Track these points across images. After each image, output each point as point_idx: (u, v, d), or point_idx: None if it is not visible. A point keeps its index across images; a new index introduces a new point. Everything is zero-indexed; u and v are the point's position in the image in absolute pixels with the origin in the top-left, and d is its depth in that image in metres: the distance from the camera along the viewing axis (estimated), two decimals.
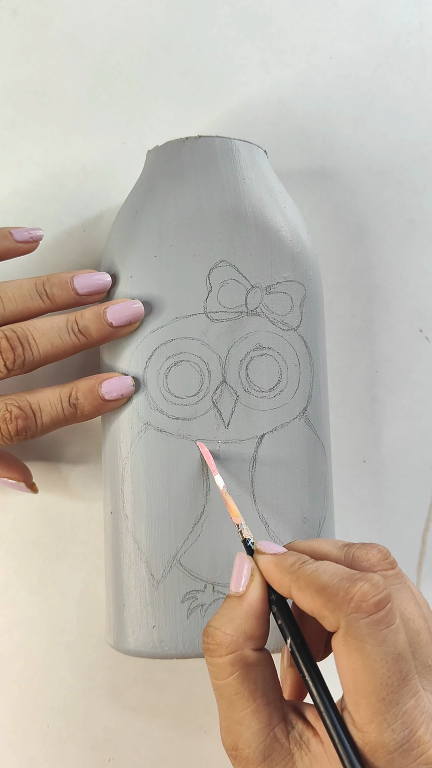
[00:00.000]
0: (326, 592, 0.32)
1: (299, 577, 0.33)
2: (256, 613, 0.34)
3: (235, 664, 0.33)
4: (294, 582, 0.33)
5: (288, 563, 0.34)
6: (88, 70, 0.52)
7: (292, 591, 0.33)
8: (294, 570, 0.34)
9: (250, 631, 0.34)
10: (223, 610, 0.34)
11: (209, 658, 0.34)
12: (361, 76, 0.53)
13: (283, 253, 0.42)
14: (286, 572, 0.34)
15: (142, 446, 0.41)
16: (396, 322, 0.52)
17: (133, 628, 0.40)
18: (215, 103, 0.53)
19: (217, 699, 0.34)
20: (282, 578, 0.34)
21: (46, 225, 0.51)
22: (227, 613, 0.34)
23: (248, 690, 0.33)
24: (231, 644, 0.33)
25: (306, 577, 0.33)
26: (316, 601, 0.32)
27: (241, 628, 0.34)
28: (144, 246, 0.41)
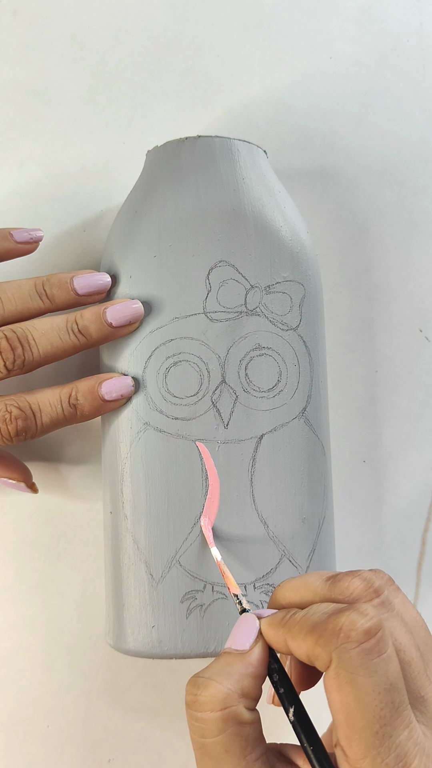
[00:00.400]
0: (316, 630, 0.31)
1: (291, 627, 0.32)
2: (256, 673, 0.33)
3: (228, 721, 0.31)
4: (287, 633, 0.32)
5: (278, 618, 0.34)
6: (88, 70, 0.52)
7: (288, 642, 0.33)
8: (285, 622, 0.33)
9: (247, 690, 0.32)
10: (218, 665, 0.33)
11: (196, 713, 0.32)
12: (361, 76, 0.53)
13: (282, 253, 0.42)
14: (278, 627, 0.33)
15: (141, 446, 0.41)
16: (396, 322, 0.52)
17: (132, 628, 0.40)
18: (215, 103, 0.53)
19: (200, 757, 0.32)
20: (276, 634, 0.33)
21: (46, 225, 0.51)
22: (224, 667, 0.33)
23: (239, 747, 0.32)
24: (226, 698, 0.31)
25: (297, 623, 0.32)
26: (308, 642, 0.31)
27: (239, 683, 0.32)
28: (143, 246, 0.41)
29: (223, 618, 0.40)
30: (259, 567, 0.40)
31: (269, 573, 0.40)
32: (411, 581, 0.51)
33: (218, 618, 0.40)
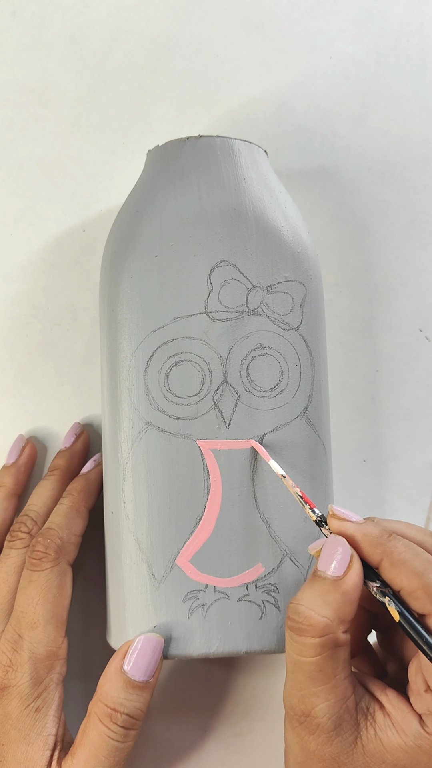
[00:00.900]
0: (424, 579, 0.33)
1: (391, 552, 0.35)
2: (352, 599, 0.35)
3: (326, 646, 0.34)
4: (386, 555, 0.35)
5: (375, 533, 0.36)
6: (88, 70, 0.52)
7: (383, 563, 0.35)
8: (383, 542, 0.35)
9: (344, 616, 0.35)
10: (315, 591, 0.35)
11: (297, 636, 0.34)
12: (361, 75, 0.53)
13: (283, 253, 0.42)
14: (374, 544, 0.35)
15: (143, 446, 0.41)
16: (396, 322, 0.52)
17: (134, 628, 0.40)
18: (215, 103, 0.53)
19: (293, 671, 0.35)
20: (371, 550, 0.35)
21: (46, 225, 0.51)
22: (322, 596, 0.35)
23: (331, 668, 0.34)
24: (326, 627, 0.34)
25: (399, 553, 0.35)
26: (412, 582, 0.34)
27: (337, 612, 0.34)
28: (145, 246, 0.41)
29: (225, 617, 0.40)
30: (261, 566, 0.40)
31: (271, 572, 0.40)
32: None
33: (219, 618, 0.40)
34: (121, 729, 0.38)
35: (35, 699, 0.40)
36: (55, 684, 0.41)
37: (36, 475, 0.51)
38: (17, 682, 0.40)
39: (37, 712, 0.40)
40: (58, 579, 0.42)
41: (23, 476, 0.49)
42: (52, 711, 0.40)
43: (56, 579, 0.42)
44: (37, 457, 0.50)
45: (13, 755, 0.39)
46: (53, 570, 0.42)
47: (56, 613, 0.41)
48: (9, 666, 0.40)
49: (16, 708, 0.39)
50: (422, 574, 0.34)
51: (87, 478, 0.47)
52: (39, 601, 0.41)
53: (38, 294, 0.51)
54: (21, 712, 0.39)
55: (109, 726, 0.38)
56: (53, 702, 0.40)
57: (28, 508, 0.46)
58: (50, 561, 0.42)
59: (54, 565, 0.42)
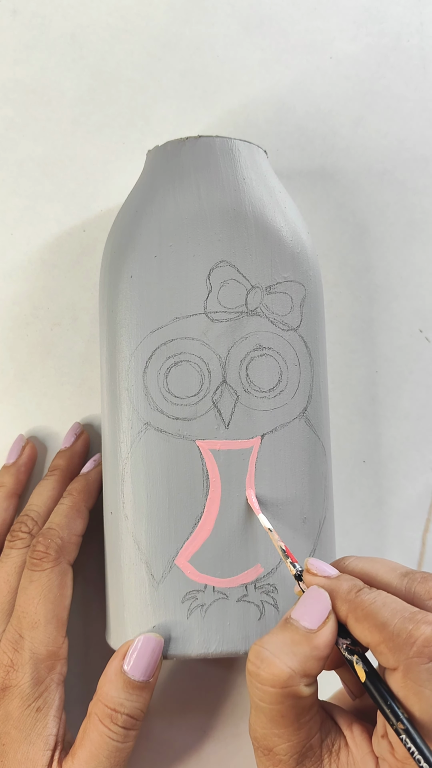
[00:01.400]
0: (387, 630, 0.31)
1: (357, 607, 0.33)
2: (321, 655, 0.33)
3: (287, 696, 0.32)
4: (351, 612, 0.33)
5: (344, 589, 0.34)
6: (88, 70, 0.52)
7: (349, 620, 0.33)
8: (351, 598, 0.33)
9: (310, 671, 0.33)
10: (284, 638, 0.33)
11: (258, 683, 0.33)
12: (361, 75, 0.53)
13: (283, 253, 0.42)
14: (342, 600, 0.34)
15: (142, 446, 0.41)
16: (396, 323, 0.52)
17: (133, 628, 0.40)
18: (215, 103, 0.53)
19: (254, 709, 0.34)
20: (338, 605, 0.34)
21: (46, 225, 0.51)
22: (291, 645, 0.33)
23: (294, 715, 0.33)
24: (289, 679, 0.32)
25: (364, 608, 0.33)
26: (374, 636, 0.32)
27: (303, 665, 0.33)
28: (144, 246, 0.41)
29: (224, 618, 0.40)
30: (260, 567, 0.40)
31: (270, 573, 0.40)
32: None
33: (218, 618, 0.40)
34: (122, 729, 0.38)
35: (36, 699, 0.40)
36: (56, 684, 0.41)
37: (36, 475, 0.51)
38: (18, 682, 0.40)
39: (38, 712, 0.40)
40: (59, 579, 0.42)
41: (23, 476, 0.49)
42: (53, 711, 0.40)
43: (57, 579, 0.42)
44: (37, 457, 0.50)
45: (14, 755, 0.39)
46: (54, 570, 0.42)
47: (57, 613, 0.41)
48: (10, 666, 0.40)
49: (17, 708, 0.39)
50: (384, 626, 0.32)
51: (87, 478, 0.47)
52: (40, 601, 0.41)
53: (38, 294, 0.51)
54: (22, 712, 0.39)
55: (109, 726, 0.38)
56: (54, 702, 0.40)
57: (29, 508, 0.46)
58: (51, 561, 0.42)
59: (55, 565, 0.42)
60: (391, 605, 0.32)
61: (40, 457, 0.51)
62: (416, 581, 0.35)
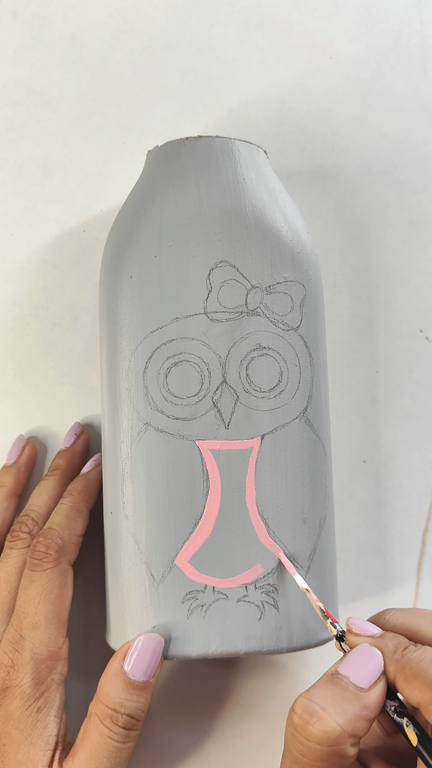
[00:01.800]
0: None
1: (405, 667, 0.32)
2: (371, 716, 0.32)
3: (333, 755, 0.31)
4: (399, 672, 0.32)
5: (390, 648, 0.33)
6: (89, 70, 0.52)
7: (397, 680, 0.32)
8: (398, 658, 0.32)
9: (358, 731, 0.32)
10: (333, 694, 0.32)
11: (304, 738, 0.31)
12: (361, 76, 0.53)
13: (283, 253, 0.42)
14: (388, 660, 0.33)
15: (142, 447, 0.41)
16: (396, 323, 0.52)
17: (133, 628, 0.40)
18: (215, 103, 0.53)
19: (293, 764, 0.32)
20: (387, 666, 0.33)
21: (46, 225, 0.51)
22: (340, 703, 0.32)
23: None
24: (338, 738, 0.31)
25: (412, 667, 0.32)
26: (425, 695, 0.31)
27: (352, 725, 0.31)
28: (144, 246, 0.41)
29: (224, 618, 0.40)
30: (260, 567, 0.40)
31: (270, 573, 0.40)
32: (411, 581, 0.51)
33: (219, 618, 0.40)
34: (122, 730, 0.38)
35: (37, 699, 0.40)
36: (56, 684, 0.41)
37: (36, 475, 0.51)
38: (19, 682, 0.40)
39: (39, 713, 0.40)
40: (60, 579, 0.42)
41: (23, 476, 0.49)
42: (54, 711, 0.40)
43: (57, 579, 0.42)
44: (38, 457, 0.50)
45: (15, 755, 0.39)
46: (54, 570, 0.42)
47: (57, 614, 0.41)
48: (11, 666, 0.40)
49: (18, 708, 0.39)
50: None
51: (87, 478, 0.47)
52: (40, 602, 0.41)
53: (38, 294, 0.51)
54: (22, 712, 0.39)
55: (109, 727, 0.38)
56: (54, 702, 0.40)
57: (29, 508, 0.46)
58: (51, 561, 0.42)
59: (55, 565, 0.42)
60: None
61: (40, 457, 0.51)
62: None
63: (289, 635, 0.40)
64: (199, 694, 0.49)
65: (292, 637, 0.40)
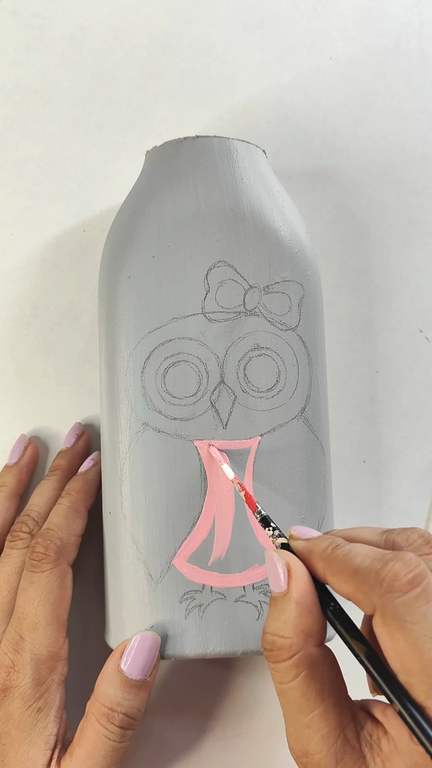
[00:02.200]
0: (359, 575, 0.31)
1: (332, 562, 0.32)
2: (307, 609, 0.33)
3: (300, 665, 0.32)
4: (327, 567, 0.33)
5: (321, 548, 0.34)
6: (88, 70, 0.52)
7: (327, 577, 0.33)
8: (327, 555, 0.33)
9: (307, 629, 0.33)
10: (273, 614, 0.33)
11: (271, 663, 0.33)
12: (361, 76, 0.53)
13: (281, 253, 0.42)
14: (319, 558, 0.33)
15: (140, 447, 0.41)
16: (396, 323, 0.52)
17: (131, 627, 0.40)
18: (215, 104, 0.53)
19: (283, 704, 0.33)
20: (316, 564, 0.33)
21: (46, 225, 0.51)
22: (279, 616, 0.33)
23: (315, 691, 0.32)
24: (292, 646, 0.32)
25: (338, 561, 0.32)
26: (349, 585, 0.31)
27: (297, 627, 0.32)
28: (142, 246, 0.41)
29: (221, 618, 0.40)
30: (258, 567, 0.40)
31: None
32: None
33: (216, 618, 0.40)
34: (119, 729, 0.38)
35: (37, 700, 0.40)
36: (56, 684, 0.41)
37: (37, 475, 0.51)
38: (19, 683, 0.40)
39: (39, 713, 0.40)
40: (59, 580, 0.42)
41: (25, 476, 0.49)
42: (54, 711, 0.40)
43: (57, 580, 0.42)
44: (38, 457, 0.50)
45: (15, 755, 0.39)
46: (54, 571, 0.42)
47: (57, 614, 0.41)
48: (11, 667, 0.40)
49: (18, 708, 0.39)
50: (356, 572, 0.31)
51: (85, 478, 0.47)
52: (40, 603, 0.41)
53: (38, 294, 0.51)
54: (23, 712, 0.39)
55: (106, 726, 0.38)
56: (55, 702, 0.40)
57: (30, 508, 0.46)
58: (50, 562, 0.42)
59: (54, 566, 0.42)
60: (363, 552, 0.32)
61: (41, 458, 0.51)
62: (395, 533, 0.34)
63: None
64: (197, 693, 0.49)
65: None
